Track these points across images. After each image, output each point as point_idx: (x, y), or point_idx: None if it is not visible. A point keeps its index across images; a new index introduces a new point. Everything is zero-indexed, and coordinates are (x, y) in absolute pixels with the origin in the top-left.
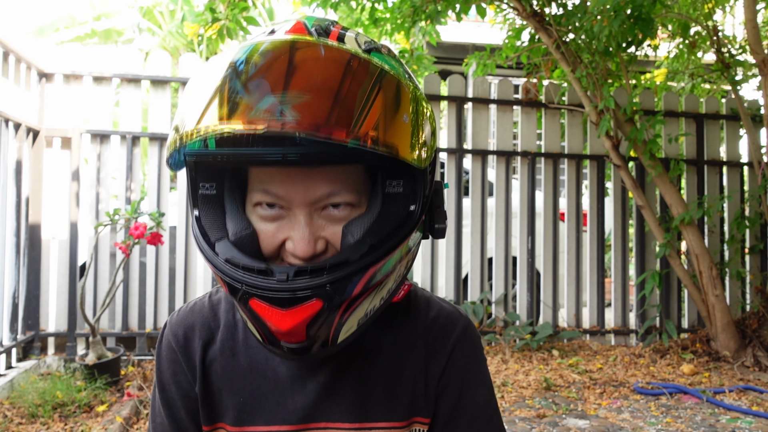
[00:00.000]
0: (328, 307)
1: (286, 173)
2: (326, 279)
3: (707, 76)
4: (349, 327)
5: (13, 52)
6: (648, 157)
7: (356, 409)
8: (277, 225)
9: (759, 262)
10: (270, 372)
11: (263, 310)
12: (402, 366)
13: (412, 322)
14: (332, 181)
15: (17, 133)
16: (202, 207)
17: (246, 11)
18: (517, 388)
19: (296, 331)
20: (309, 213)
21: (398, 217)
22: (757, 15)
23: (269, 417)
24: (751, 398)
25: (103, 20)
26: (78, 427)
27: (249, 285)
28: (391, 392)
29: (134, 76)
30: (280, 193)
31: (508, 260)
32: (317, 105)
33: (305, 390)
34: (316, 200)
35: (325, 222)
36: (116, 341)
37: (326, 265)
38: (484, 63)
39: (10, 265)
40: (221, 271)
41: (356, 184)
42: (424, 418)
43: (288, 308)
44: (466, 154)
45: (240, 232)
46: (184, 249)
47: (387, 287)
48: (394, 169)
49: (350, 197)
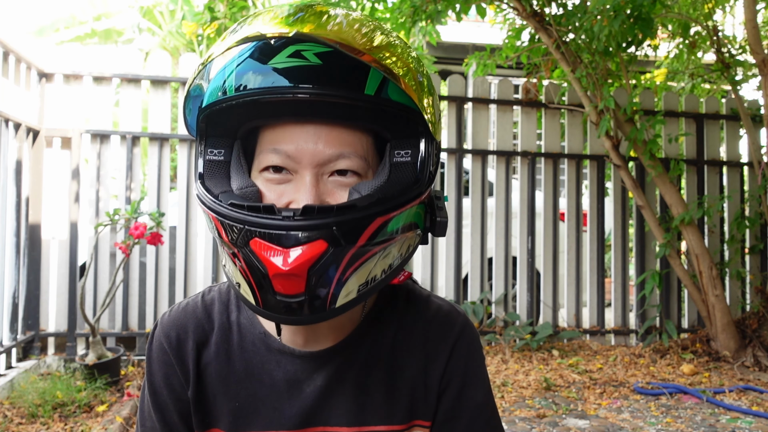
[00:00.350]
0: (333, 252)
1: (296, 130)
2: (333, 219)
3: (707, 76)
4: (349, 290)
5: (13, 52)
6: (648, 157)
7: (355, 412)
8: (283, 188)
9: (759, 262)
10: (266, 376)
11: (264, 249)
12: (401, 368)
13: (411, 322)
14: (342, 143)
15: (17, 133)
16: (208, 170)
17: (245, 10)
18: (517, 388)
19: (297, 273)
20: (316, 175)
21: (406, 183)
22: (757, 15)
23: (266, 422)
24: (751, 398)
25: (103, 20)
26: (78, 427)
27: (254, 224)
28: (391, 395)
29: (134, 76)
30: (290, 150)
31: (508, 260)
32: (348, 33)
33: (302, 394)
34: (325, 161)
35: (331, 187)
36: (116, 341)
37: (334, 207)
38: (484, 63)
39: (10, 265)
40: (223, 214)
41: (365, 152)
42: (424, 421)
43: (290, 247)
44: (466, 154)
45: (244, 188)
46: (184, 249)
47: (389, 258)
48: (402, 140)
49: (358, 164)
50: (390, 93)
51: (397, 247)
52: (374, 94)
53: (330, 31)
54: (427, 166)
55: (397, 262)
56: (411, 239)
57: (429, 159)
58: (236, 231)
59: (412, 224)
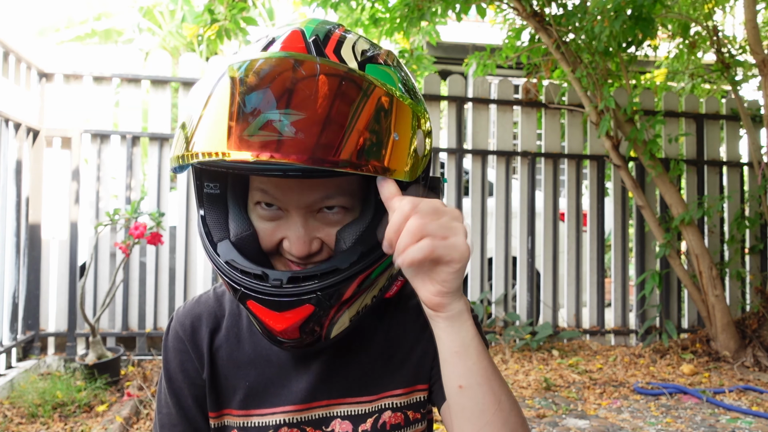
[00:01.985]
0: (319, 311)
1: (282, 181)
2: (317, 286)
3: (707, 76)
4: (342, 324)
5: (13, 52)
6: (648, 157)
7: (358, 384)
8: (276, 224)
9: (759, 262)
10: (274, 356)
11: (259, 310)
12: (398, 340)
13: (405, 299)
14: (327, 186)
15: (17, 133)
16: (207, 205)
17: (245, 11)
18: (517, 388)
19: (289, 331)
20: (304, 215)
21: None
22: (757, 15)
23: (274, 400)
24: (751, 398)
25: (103, 20)
26: (78, 427)
27: (246, 288)
28: (390, 364)
29: (134, 76)
30: (277, 195)
31: (508, 260)
32: (306, 131)
33: (309, 371)
34: (311, 204)
35: (320, 224)
36: (116, 341)
37: (318, 273)
38: (484, 63)
39: (10, 265)
40: (222, 272)
41: (350, 188)
42: (423, 384)
43: (282, 311)
44: (466, 154)
45: (241, 233)
46: (184, 249)
47: (378, 286)
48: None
49: (344, 201)
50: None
51: (385, 276)
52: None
53: (295, 147)
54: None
55: (387, 284)
56: None
57: (414, 195)
58: (234, 289)
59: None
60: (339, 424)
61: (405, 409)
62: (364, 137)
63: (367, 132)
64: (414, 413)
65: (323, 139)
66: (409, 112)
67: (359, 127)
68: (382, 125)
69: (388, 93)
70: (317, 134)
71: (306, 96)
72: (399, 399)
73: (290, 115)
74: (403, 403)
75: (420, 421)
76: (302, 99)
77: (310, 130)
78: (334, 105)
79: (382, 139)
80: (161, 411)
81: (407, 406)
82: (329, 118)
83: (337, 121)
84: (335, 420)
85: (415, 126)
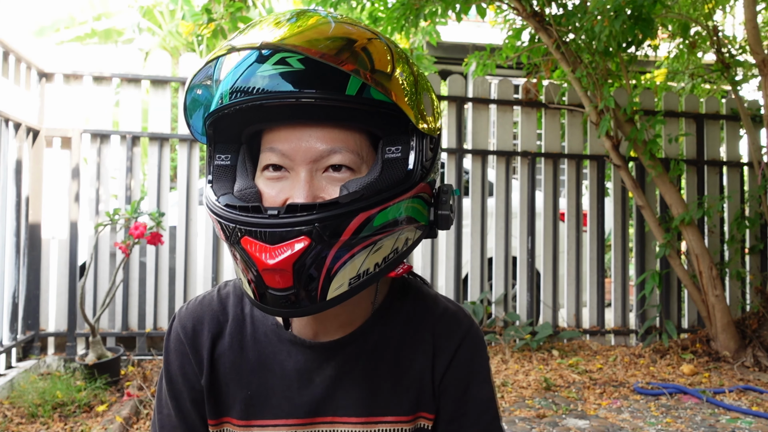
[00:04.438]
0: (317, 247)
1: (291, 132)
2: (315, 216)
3: (707, 76)
4: (340, 283)
5: (13, 52)
6: (648, 157)
7: (363, 403)
8: (281, 185)
9: (759, 262)
10: (277, 366)
11: (253, 247)
12: (408, 362)
13: (419, 317)
14: (333, 140)
15: (17, 132)
16: (216, 175)
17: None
18: (517, 388)
19: (283, 268)
20: (310, 171)
21: (396, 178)
22: (757, 15)
23: (276, 411)
24: (751, 398)
25: (103, 20)
26: (78, 427)
27: (242, 223)
28: (398, 387)
29: (134, 76)
30: (284, 149)
31: (508, 260)
32: (324, 43)
33: (312, 384)
34: (317, 157)
35: (325, 183)
36: (116, 341)
37: (316, 204)
38: (484, 63)
39: (10, 265)
40: (219, 215)
41: (357, 148)
42: (428, 413)
43: (276, 244)
44: (466, 154)
45: (244, 189)
46: (184, 249)
47: (382, 252)
48: (394, 137)
49: (350, 159)
50: (372, 92)
51: (390, 241)
52: (355, 94)
53: (303, 39)
54: (418, 161)
55: (392, 256)
56: (409, 233)
57: (420, 154)
58: (230, 230)
59: (407, 218)
60: None
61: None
62: (378, 63)
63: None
64: None
65: (341, 52)
66: (416, 73)
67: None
68: (392, 63)
69: (394, 43)
70: (337, 47)
71: (323, 24)
72: (403, 426)
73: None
74: (406, 430)
75: None
76: (319, 27)
77: (329, 44)
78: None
79: (385, 70)
80: (161, 411)
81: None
82: (349, 41)
83: (354, 46)
84: None
85: (424, 86)
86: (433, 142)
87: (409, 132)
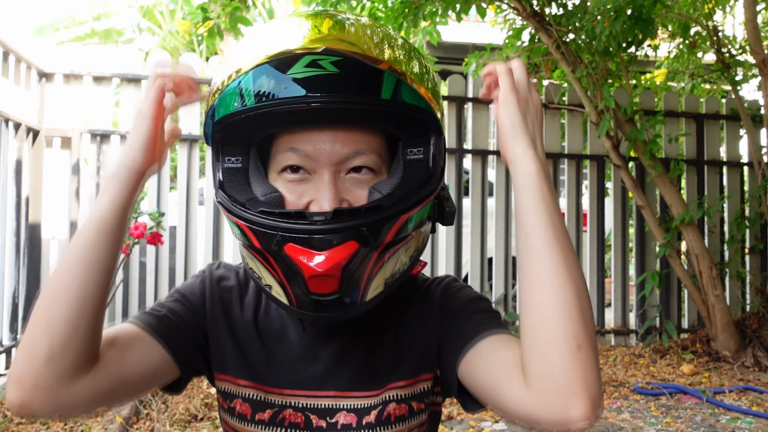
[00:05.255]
0: (364, 250)
1: (314, 133)
2: (363, 220)
3: (707, 76)
4: (377, 284)
5: (13, 51)
6: (648, 157)
7: (366, 377)
8: (302, 188)
9: (759, 262)
10: (286, 340)
11: (300, 253)
12: (404, 331)
13: (411, 292)
14: (357, 142)
15: (17, 132)
16: (227, 179)
17: (243, 11)
18: None
19: (333, 273)
20: (334, 173)
21: (421, 179)
22: (757, 15)
23: (281, 381)
24: (751, 398)
25: (103, 20)
26: (78, 427)
27: (286, 230)
28: (397, 356)
29: (134, 76)
30: (307, 150)
31: (508, 260)
32: (364, 42)
33: (317, 359)
34: (342, 159)
35: (349, 185)
36: None
37: (362, 209)
38: (484, 62)
39: (10, 265)
40: (255, 223)
41: (378, 150)
42: (427, 374)
43: (324, 249)
44: (466, 154)
45: (268, 194)
46: (184, 249)
47: (410, 251)
48: (413, 138)
49: (373, 160)
50: (404, 95)
51: (416, 240)
52: (390, 98)
53: (349, 43)
54: (438, 162)
55: (416, 254)
56: (425, 231)
57: (439, 154)
58: (270, 237)
59: (426, 217)
60: (344, 416)
61: (409, 400)
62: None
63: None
64: (418, 404)
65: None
66: (428, 69)
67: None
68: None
69: (414, 47)
70: (370, 42)
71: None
72: (403, 390)
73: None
74: (407, 394)
75: (423, 411)
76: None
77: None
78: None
79: (419, 72)
80: (159, 309)
81: (411, 397)
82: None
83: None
84: (341, 412)
85: (437, 84)
86: (445, 141)
87: (429, 133)
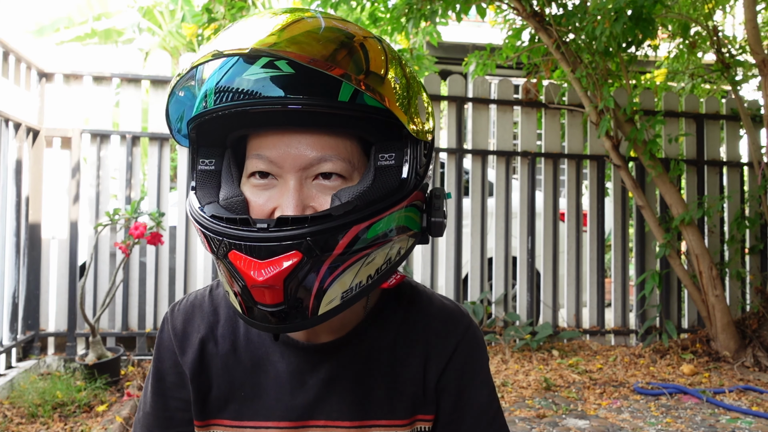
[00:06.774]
0: (308, 262)
1: (280, 138)
2: (307, 230)
3: (707, 76)
4: (331, 298)
5: (13, 52)
6: (648, 157)
7: (356, 407)
8: (268, 194)
9: (759, 262)
10: (271, 367)
11: (241, 261)
12: (403, 364)
13: (413, 318)
14: (324, 147)
15: (17, 132)
16: (200, 181)
17: (245, 11)
18: (517, 388)
19: (273, 284)
20: (299, 179)
21: (389, 187)
22: (757, 15)
23: (268, 413)
24: (751, 398)
25: (103, 20)
26: (78, 427)
27: (229, 236)
28: (393, 390)
29: (134, 76)
30: (272, 156)
31: (508, 260)
32: (315, 47)
33: (305, 387)
34: (307, 164)
35: (315, 191)
36: (116, 341)
37: (308, 217)
38: (484, 63)
39: (10, 265)
40: (205, 227)
41: (349, 155)
42: (426, 415)
43: (266, 259)
44: (466, 154)
45: (230, 197)
46: (184, 249)
47: (375, 264)
48: (386, 143)
49: (341, 167)
50: (366, 98)
51: (383, 252)
52: (348, 100)
53: (293, 44)
54: (412, 169)
55: (385, 267)
56: (402, 242)
57: (414, 161)
58: (216, 243)
59: (401, 228)
60: None
61: None
62: (369, 66)
63: (374, 63)
64: None
65: (333, 55)
66: (408, 76)
67: (367, 58)
68: (385, 67)
69: (388, 48)
70: (328, 51)
71: (314, 27)
72: (398, 430)
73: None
74: None
75: None
76: (310, 30)
77: (318, 48)
78: (342, 35)
79: (378, 73)
80: (145, 409)
81: None
82: (338, 44)
83: (344, 48)
84: None
85: (416, 90)
86: (426, 147)
87: (402, 138)
